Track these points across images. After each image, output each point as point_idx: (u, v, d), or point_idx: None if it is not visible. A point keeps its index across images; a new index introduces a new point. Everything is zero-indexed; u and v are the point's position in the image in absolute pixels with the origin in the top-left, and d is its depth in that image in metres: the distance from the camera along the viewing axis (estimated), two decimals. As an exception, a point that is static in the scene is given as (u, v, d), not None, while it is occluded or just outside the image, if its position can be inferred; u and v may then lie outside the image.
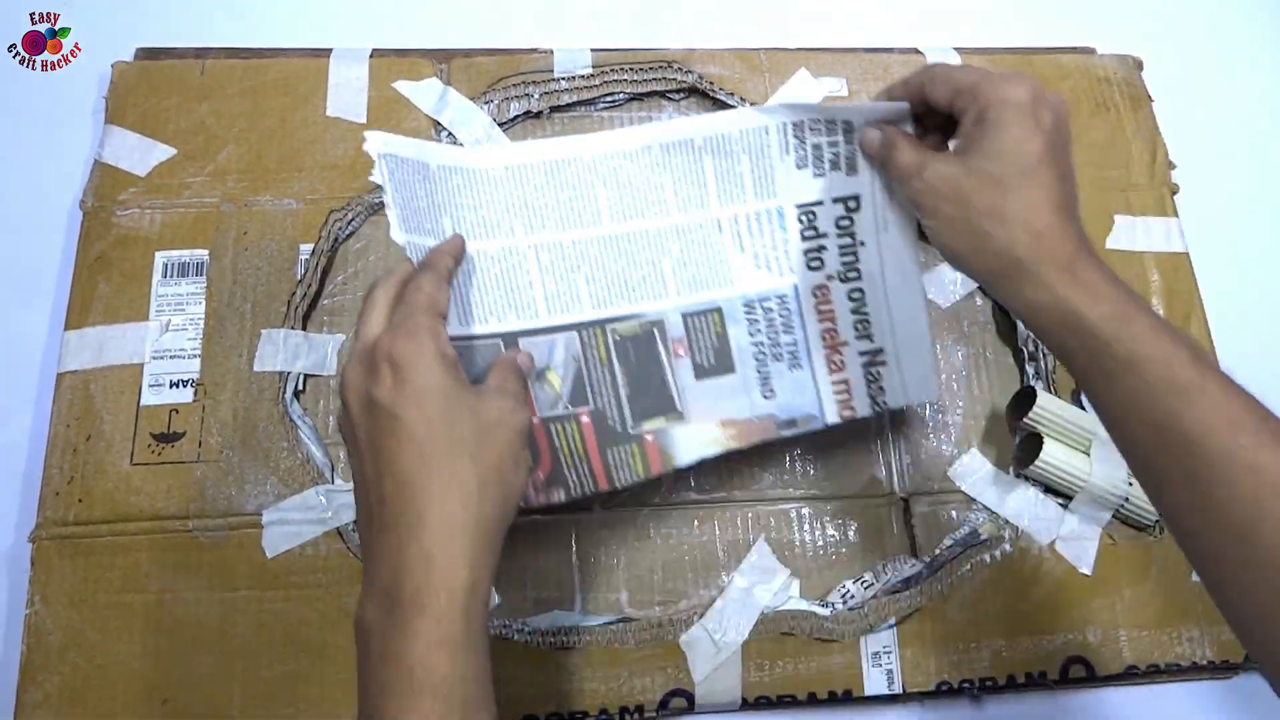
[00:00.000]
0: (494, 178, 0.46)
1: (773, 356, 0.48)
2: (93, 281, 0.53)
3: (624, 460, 0.46)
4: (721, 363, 0.47)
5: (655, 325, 0.47)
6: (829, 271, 0.47)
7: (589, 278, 0.46)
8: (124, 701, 0.46)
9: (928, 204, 0.42)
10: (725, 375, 0.47)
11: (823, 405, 0.48)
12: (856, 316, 0.48)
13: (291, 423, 0.51)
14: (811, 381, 0.48)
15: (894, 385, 0.48)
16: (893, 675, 0.49)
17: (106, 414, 0.50)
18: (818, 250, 0.47)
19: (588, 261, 0.46)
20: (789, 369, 0.48)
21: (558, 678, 0.47)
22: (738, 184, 0.47)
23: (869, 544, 0.52)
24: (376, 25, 0.64)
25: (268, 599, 0.48)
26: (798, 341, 0.48)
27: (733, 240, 0.47)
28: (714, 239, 0.47)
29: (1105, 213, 0.60)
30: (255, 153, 0.56)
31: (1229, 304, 0.60)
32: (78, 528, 0.48)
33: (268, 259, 0.54)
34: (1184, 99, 0.66)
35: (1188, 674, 0.52)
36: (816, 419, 0.48)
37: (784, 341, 0.48)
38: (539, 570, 0.50)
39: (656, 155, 0.47)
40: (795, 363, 0.48)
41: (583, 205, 0.46)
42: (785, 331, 0.48)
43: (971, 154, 0.40)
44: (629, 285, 0.47)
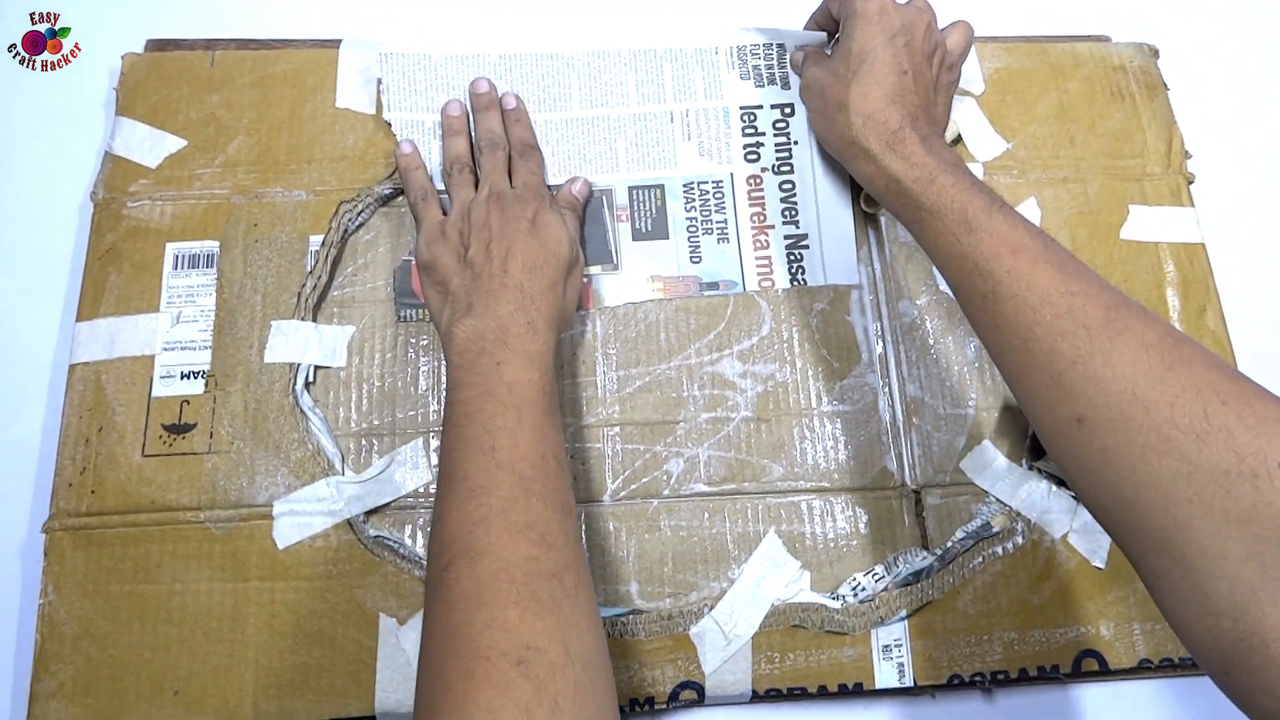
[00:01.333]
0: (489, 63, 0.59)
1: (704, 230, 0.57)
2: (104, 273, 0.53)
3: None
4: (657, 230, 0.57)
5: (604, 193, 0.57)
6: (764, 164, 0.58)
7: (554, 150, 0.57)
8: (136, 691, 0.46)
9: (804, 99, 0.55)
10: (659, 240, 0.57)
11: (744, 275, 0.56)
12: (785, 205, 0.58)
13: (302, 414, 0.51)
14: (737, 255, 0.57)
15: (815, 267, 0.56)
16: (904, 668, 0.49)
17: (118, 405, 0.50)
18: (755, 146, 0.59)
19: (555, 137, 0.58)
20: (717, 242, 0.57)
21: (568, 669, 0.47)
22: (690, 86, 0.59)
23: (880, 536, 0.52)
24: (386, 15, 0.63)
25: (279, 590, 0.48)
26: (728, 220, 0.57)
27: (681, 130, 0.59)
28: (665, 128, 0.59)
29: (1120, 202, 0.59)
30: (265, 144, 0.56)
31: (1245, 295, 0.59)
32: (90, 519, 0.48)
33: (278, 250, 0.54)
34: (1200, 87, 0.65)
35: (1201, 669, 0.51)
36: (736, 285, 0.56)
37: (715, 219, 0.57)
38: (549, 562, 0.50)
39: (625, 57, 0.59)
40: (724, 237, 0.57)
41: (558, 91, 0.59)
42: (718, 211, 0.57)
43: (833, 57, 0.52)
44: (586, 159, 0.58)
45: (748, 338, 0.55)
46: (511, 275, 0.47)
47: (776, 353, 0.55)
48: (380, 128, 0.57)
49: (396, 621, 0.47)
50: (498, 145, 0.55)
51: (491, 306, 0.46)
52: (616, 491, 0.51)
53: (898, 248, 0.58)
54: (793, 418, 0.53)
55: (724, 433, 0.53)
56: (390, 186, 0.56)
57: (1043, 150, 0.60)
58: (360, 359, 0.53)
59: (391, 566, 0.48)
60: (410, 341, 0.53)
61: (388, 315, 0.54)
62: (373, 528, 0.49)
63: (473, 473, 0.39)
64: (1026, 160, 0.60)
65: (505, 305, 0.46)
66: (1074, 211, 0.59)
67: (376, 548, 0.49)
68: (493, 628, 0.34)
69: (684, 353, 0.54)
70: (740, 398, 0.53)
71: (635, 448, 0.52)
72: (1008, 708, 0.51)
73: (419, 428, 0.52)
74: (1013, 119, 0.61)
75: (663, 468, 0.52)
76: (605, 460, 0.52)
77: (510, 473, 0.39)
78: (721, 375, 0.54)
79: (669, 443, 0.52)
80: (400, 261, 0.55)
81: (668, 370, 0.54)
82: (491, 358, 0.43)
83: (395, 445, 0.51)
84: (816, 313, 0.56)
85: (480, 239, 0.49)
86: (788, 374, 0.54)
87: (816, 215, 0.57)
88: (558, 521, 0.39)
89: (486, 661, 0.33)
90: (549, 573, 0.37)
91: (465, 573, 0.36)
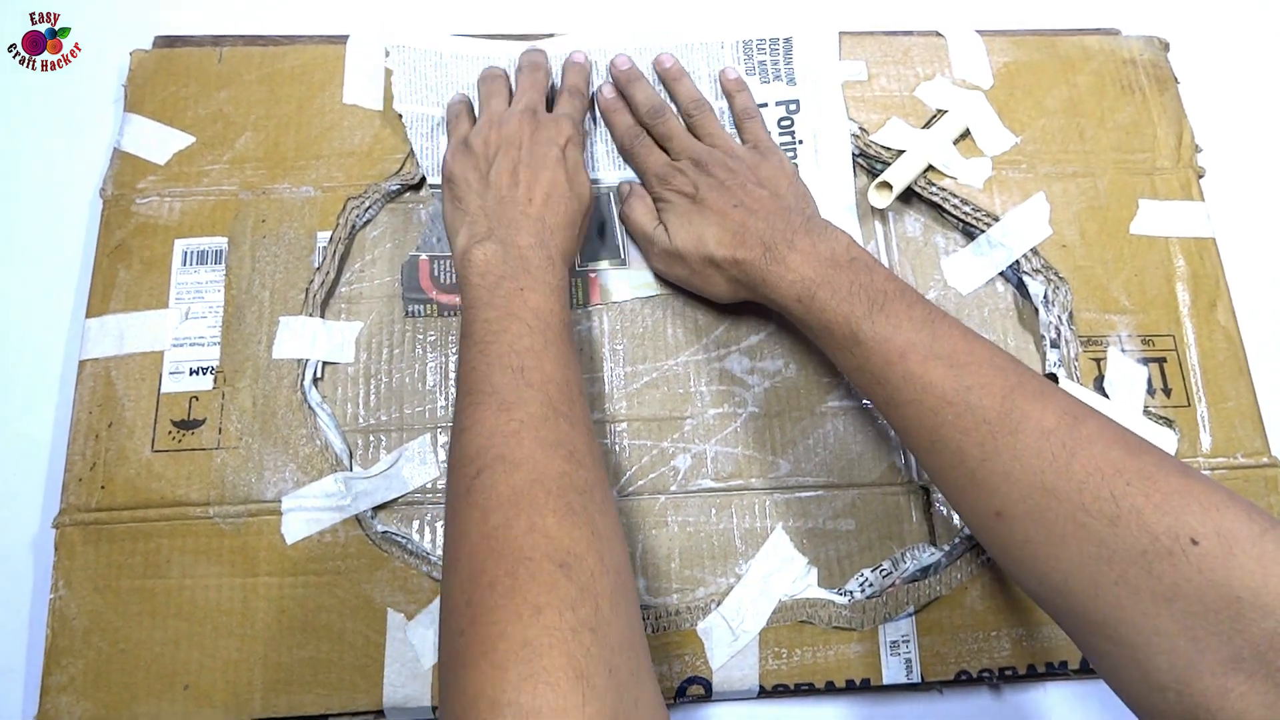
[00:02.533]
0: (497, 60, 0.58)
1: None
2: (113, 269, 0.53)
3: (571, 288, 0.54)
4: None
5: (612, 190, 0.57)
6: None
7: None
8: (146, 685, 0.46)
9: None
10: None
11: None
12: None
13: (310, 410, 0.51)
14: None
15: None
16: (911, 664, 0.49)
17: (128, 401, 0.51)
18: None
19: None
20: None
21: (575, 664, 0.47)
22: (696, 84, 0.58)
23: (888, 532, 0.51)
24: (393, 11, 0.63)
25: (287, 585, 0.48)
26: None
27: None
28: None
29: (1130, 196, 0.59)
30: (273, 140, 0.56)
31: (1256, 289, 0.59)
32: (100, 514, 0.49)
33: (286, 246, 0.54)
34: (1211, 81, 0.65)
35: None
36: None
37: None
38: (556, 557, 0.50)
39: (631, 53, 0.59)
40: None
41: None
42: None
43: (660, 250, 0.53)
44: (594, 156, 0.58)
45: (755, 334, 0.55)
46: (535, 206, 0.47)
47: (784, 349, 0.54)
48: (387, 124, 0.57)
49: (404, 617, 0.48)
50: (539, 68, 0.55)
51: (512, 235, 0.46)
52: (624, 487, 0.51)
53: (904, 243, 0.57)
54: (800, 414, 0.53)
55: (731, 428, 0.53)
56: (398, 183, 0.56)
57: (1052, 144, 0.60)
58: (368, 355, 0.53)
59: (399, 562, 0.49)
60: (418, 337, 0.53)
61: (395, 311, 0.54)
62: (380, 523, 0.50)
63: (502, 388, 0.40)
64: (1035, 155, 0.60)
65: (526, 236, 0.46)
66: (1083, 206, 0.58)
67: (384, 543, 0.49)
68: (534, 532, 0.35)
69: (691, 348, 0.54)
70: (747, 393, 0.53)
71: (642, 443, 0.52)
72: (1016, 703, 0.51)
73: (426, 423, 0.52)
74: (1021, 113, 0.61)
75: (670, 463, 0.52)
76: (612, 456, 0.52)
77: (539, 392, 0.40)
78: (729, 371, 0.54)
79: (676, 438, 0.52)
80: (408, 257, 0.55)
81: (675, 366, 0.54)
82: (514, 282, 0.44)
83: (403, 441, 0.51)
84: (824, 308, 0.55)
85: (507, 158, 0.49)
86: (795, 370, 0.54)
87: (823, 211, 0.56)
88: (584, 442, 0.40)
89: (530, 562, 0.34)
90: (580, 488, 0.38)
91: (501, 479, 0.37)
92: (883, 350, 0.41)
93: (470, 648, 0.32)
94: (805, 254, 0.45)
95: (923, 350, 0.40)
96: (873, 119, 0.60)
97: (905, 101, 0.61)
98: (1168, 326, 0.56)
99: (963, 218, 0.57)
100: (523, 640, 0.32)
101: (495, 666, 0.31)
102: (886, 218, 0.58)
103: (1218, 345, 0.56)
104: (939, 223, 0.58)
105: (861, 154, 0.59)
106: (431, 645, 0.47)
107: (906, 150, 0.58)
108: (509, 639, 0.32)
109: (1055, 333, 0.55)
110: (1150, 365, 0.55)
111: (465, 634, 0.33)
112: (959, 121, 0.59)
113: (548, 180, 0.49)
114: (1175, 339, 0.56)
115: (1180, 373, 0.55)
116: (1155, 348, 0.56)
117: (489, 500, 0.36)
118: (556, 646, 0.31)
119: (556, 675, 0.31)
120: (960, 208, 0.57)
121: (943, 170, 0.58)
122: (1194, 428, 0.54)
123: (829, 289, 0.44)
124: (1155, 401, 0.55)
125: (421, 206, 0.56)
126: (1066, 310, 0.55)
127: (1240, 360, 0.56)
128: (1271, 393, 0.55)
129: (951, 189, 0.58)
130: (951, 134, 0.59)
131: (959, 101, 0.60)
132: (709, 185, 0.51)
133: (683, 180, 0.52)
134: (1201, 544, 0.31)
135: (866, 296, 0.43)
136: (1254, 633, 0.30)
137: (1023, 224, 0.57)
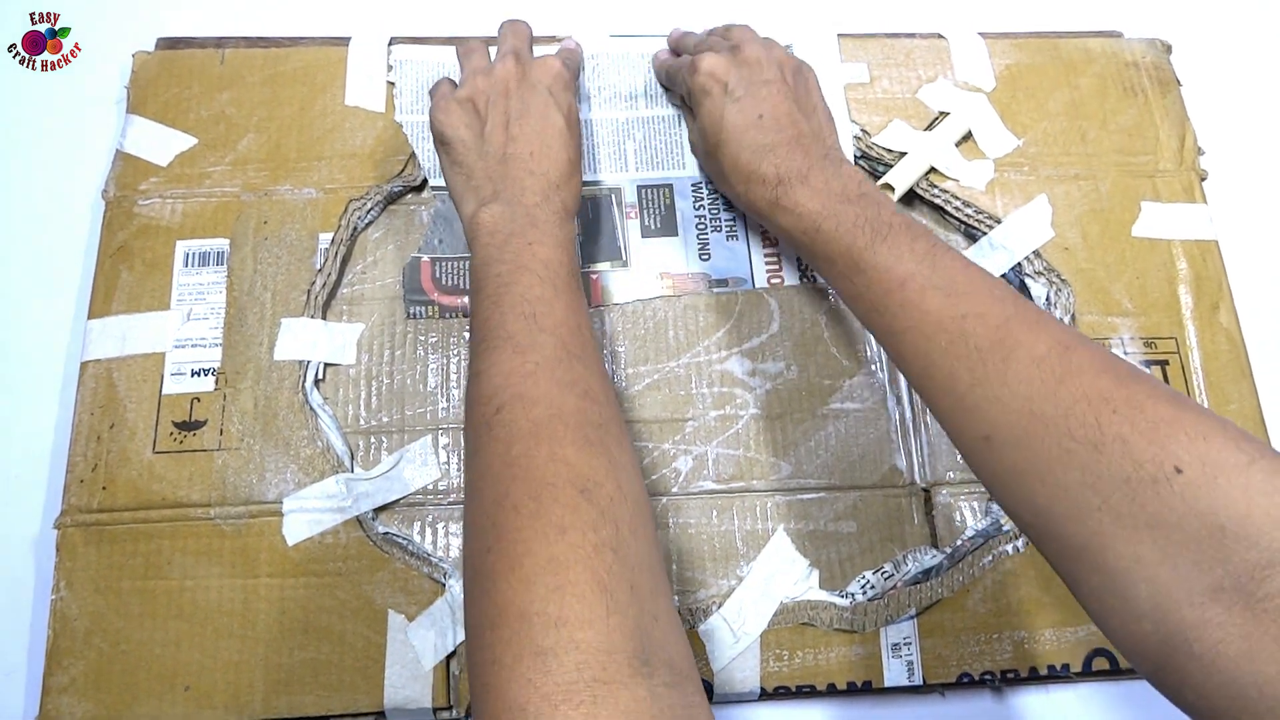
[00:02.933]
0: None
1: (713, 227, 0.57)
2: (115, 271, 0.53)
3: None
4: (666, 227, 0.57)
5: (613, 192, 0.58)
6: None
7: None
8: (147, 686, 0.46)
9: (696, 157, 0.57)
10: (669, 237, 0.57)
11: (753, 272, 0.56)
12: None
13: (311, 411, 0.51)
14: (746, 252, 0.57)
15: None
16: (913, 666, 0.49)
17: (129, 402, 0.51)
18: None
19: None
20: (726, 239, 0.57)
21: (576, 666, 0.47)
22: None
23: (889, 534, 0.51)
24: (395, 13, 0.63)
25: (289, 586, 0.48)
26: (736, 218, 0.58)
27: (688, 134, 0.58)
28: (672, 130, 0.59)
29: (1132, 199, 0.59)
30: (275, 142, 0.57)
31: (1258, 292, 0.59)
32: (102, 515, 0.49)
33: (287, 248, 0.54)
34: (1213, 83, 0.65)
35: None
36: (745, 282, 0.56)
37: (724, 217, 0.58)
38: (557, 559, 0.50)
39: (634, 61, 0.60)
40: (733, 234, 0.57)
41: None
42: (726, 208, 0.58)
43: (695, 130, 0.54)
44: (595, 159, 0.58)
45: (757, 335, 0.55)
46: (536, 161, 0.48)
47: (785, 350, 0.54)
48: (390, 126, 0.57)
49: (405, 618, 0.48)
50: (519, 23, 0.54)
51: (518, 195, 0.46)
52: (625, 489, 0.51)
53: (907, 245, 0.57)
54: (802, 416, 0.53)
55: (733, 430, 0.53)
56: (400, 184, 0.56)
57: (1054, 147, 0.60)
58: (369, 356, 0.53)
59: (400, 563, 0.49)
60: (419, 339, 0.53)
61: (397, 312, 0.54)
62: (382, 525, 0.49)
63: (516, 333, 0.41)
64: (1038, 157, 0.60)
65: (531, 195, 0.46)
66: (1086, 209, 0.58)
67: (385, 545, 0.49)
68: (555, 460, 0.36)
69: (693, 350, 0.54)
70: (749, 395, 0.53)
71: (644, 445, 0.52)
72: (1018, 707, 0.50)
73: (428, 425, 0.52)
74: (1024, 115, 0.61)
75: (671, 465, 0.52)
76: (614, 458, 0.52)
77: (553, 336, 0.41)
78: (730, 373, 0.54)
79: (677, 440, 0.52)
80: (409, 259, 0.55)
81: (676, 368, 0.54)
82: (523, 238, 0.44)
83: (404, 442, 0.51)
84: (825, 310, 0.55)
85: (499, 111, 0.49)
86: (796, 372, 0.54)
87: None
88: (598, 382, 0.41)
89: (553, 487, 0.35)
90: (597, 422, 0.38)
91: (521, 414, 0.38)
92: (883, 279, 0.41)
93: (497, 564, 0.33)
94: (816, 189, 0.46)
95: (921, 280, 0.40)
96: (874, 121, 0.60)
97: (907, 104, 0.61)
98: (1170, 329, 0.56)
99: (965, 220, 0.57)
100: (549, 557, 0.32)
101: (522, 580, 0.32)
102: (888, 220, 0.58)
103: (1220, 348, 0.56)
104: (941, 225, 0.58)
105: (863, 156, 0.59)
106: (433, 647, 0.47)
107: (908, 152, 0.58)
108: (535, 555, 0.33)
109: (1057, 335, 0.55)
110: (1153, 368, 0.55)
111: (492, 551, 0.34)
112: (961, 124, 0.59)
113: (542, 129, 0.49)
114: (1178, 341, 0.56)
115: (1183, 375, 0.55)
116: (1158, 350, 0.56)
117: (510, 433, 0.37)
118: (581, 562, 0.32)
119: (582, 588, 0.31)
120: (962, 210, 0.57)
121: (945, 172, 0.58)
122: (1196, 430, 0.54)
123: (834, 221, 0.44)
124: (1158, 404, 0.54)
125: (423, 208, 0.56)
126: (1069, 313, 0.55)
127: (1243, 363, 0.56)
128: (1274, 395, 0.55)
129: (953, 191, 0.58)
130: (953, 136, 0.59)
131: (961, 104, 0.60)
132: (739, 79, 0.50)
133: (715, 61, 0.51)
134: (1186, 472, 0.31)
135: (870, 228, 0.43)
136: (1235, 562, 0.29)
137: (1025, 226, 0.57)
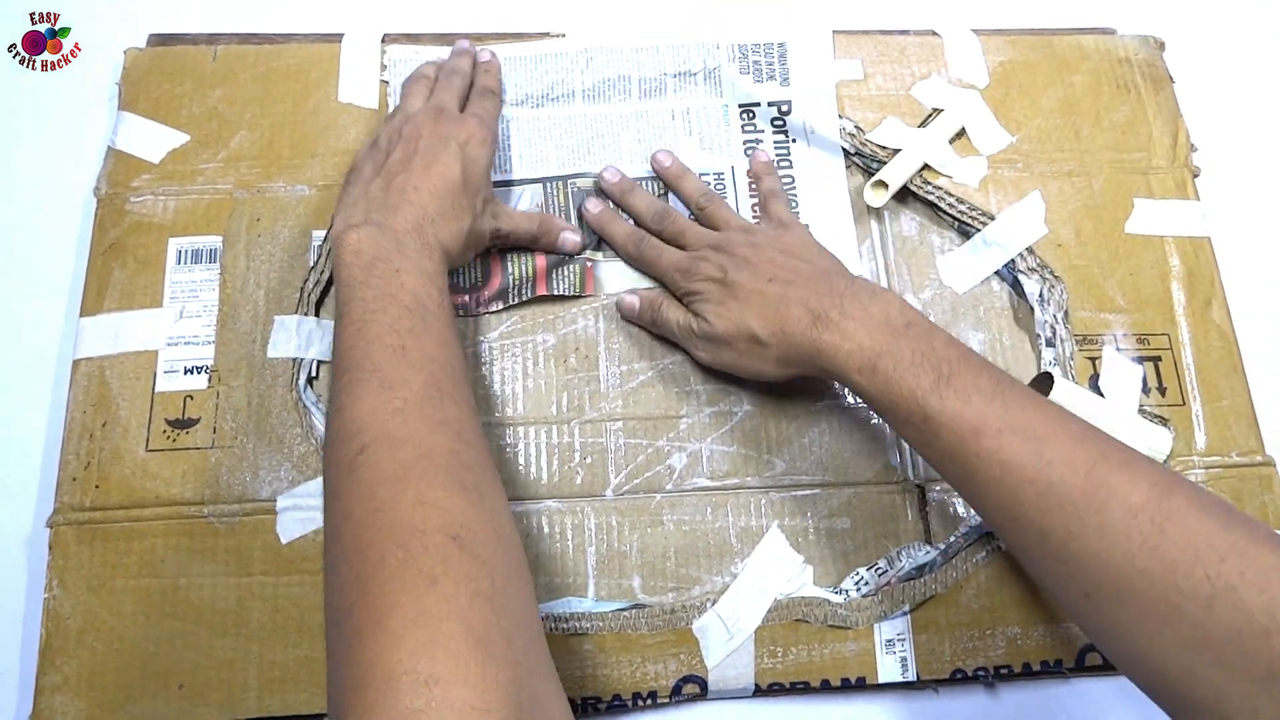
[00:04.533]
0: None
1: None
2: (107, 268, 0.53)
3: (565, 276, 0.55)
4: None
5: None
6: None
7: (558, 144, 0.58)
8: (141, 684, 0.46)
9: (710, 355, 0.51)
10: None
11: None
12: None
13: (305, 409, 0.51)
14: None
15: None
16: (907, 662, 0.49)
17: (122, 400, 0.50)
18: (754, 142, 0.59)
19: (559, 131, 0.58)
20: None
21: (570, 664, 0.47)
22: (691, 83, 0.60)
23: (883, 531, 0.51)
24: (388, 10, 0.63)
25: (283, 584, 0.48)
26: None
27: (683, 126, 0.59)
28: (667, 124, 0.59)
29: (1125, 195, 0.59)
30: (268, 139, 0.56)
31: (1251, 288, 0.59)
32: (95, 513, 0.48)
33: (280, 245, 0.54)
34: (1206, 80, 0.65)
35: None
36: None
37: None
38: (551, 556, 0.50)
39: (627, 54, 0.60)
40: None
41: (562, 90, 0.59)
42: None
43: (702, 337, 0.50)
44: (590, 152, 0.58)
45: (751, 332, 0.55)
46: (420, 195, 0.47)
47: (779, 347, 0.54)
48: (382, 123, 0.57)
49: (400, 616, 0.48)
50: (457, 74, 0.55)
51: (389, 219, 0.45)
52: (619, 486, 0.51)
53: (900, 242, 0.57)
54: (795, 412, 0.53)
55: (727, 427, 0.53)
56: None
57: (1047, 144, 0.60)
58: (363, 354, 0.53)
59: (395, 561, 0.48)
60: (413, 336, 0.53)
61: (390, 310, 0.54)
62: (376, 522, 0.49)
63: (383, 365, 0.39)
64: (1031, 154, 0.60)
65: (403, 221, 0.45)
66: (1079, 205, 0.58)
67: (380, 542, 0.49)
68: (424, 504, 0.34)
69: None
70: (743, 392, 0.53)
71: (638, 442, 0.52)
72: (1011, 702, 0.51)
73: (422, 422, 0.52)
74: (1017, 112, 0.61)
75: (666, 462, 0.52)
76: (608, 455, 0.52)
77: (422, 372, 0.39)
78: (724, 370, 0.54)
79: (672, 437, 0.52)
80: (403, 256, 0.55)
81: (671, 365, 0.54)
82: (389, 264, 0.43)
83: (398, 440, 0.51)
84: (820, 307, 0.55)
85: (404, 149, 0.49)
86: (791, 368, 0.54)
87: (814, 206, 0.57)
88: (470, 425, 0.39)
89: (422, 534, 0.33)
90: (469, 465, 0.37)
91: (386, 456, 0.35)
92: (954, 426, 0.39)
93: (363, 620, 0.31)
94: (859, 320, 0.43)
95: (996, 424, 0.38)
96: (869, 118, 0.60)
97: (901, 100, 0.61)
98: (1163, 325, 0.56)
99: (958, 216, 0.57)
100: (418, 610, 0.30)
101: (391, 636, 0.30)
102: (882, 216, 0.58)
103: (1213, 344, 0.56)
104: (934, 221, 0.58)
105: (857, 153, 0.59)
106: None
107: (902, 149, 0.58)
108: (403, 609, 0.30)
109: (1051, 332, 0.55)
110: (1145, 364, 0.55)
111: (356, 609, 0.31)
112: (955, 120, 0.59)
113: (439, 172, 0.48)
114: (1170, 338, 0.56)
115: (1175, 372, 0.55)
116: (1150, 346, 0.56)
117: (374, 475, 0.35)
118: (454, 615, 0.30)
119: (456, 643, 0.30)
120: (956, 206, 0.57)
121: (938, 169, 0.58)
122: (1189, 427, 0.54)
123: (891, 359, 0.41)
124: (1150, 400, 0.55)
125: (417, 205, 0.56)
126: (1062, 309, 0.55)
127: (1235, 359, 0.56)
128: (1266, 391, 0.55)
129: (947, 188, 0.58)
130: (947, 133, 0.59)
131: (955, 100, 0.60)
132: (736, 265, 0.48)
133: (708, 266, 0.49)
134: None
135: (931, 367, 0.41)
136: None
137: (1018, 223, 0.57)
